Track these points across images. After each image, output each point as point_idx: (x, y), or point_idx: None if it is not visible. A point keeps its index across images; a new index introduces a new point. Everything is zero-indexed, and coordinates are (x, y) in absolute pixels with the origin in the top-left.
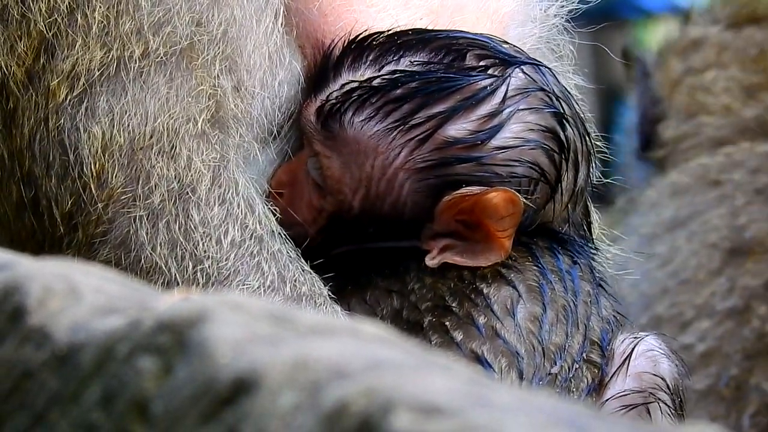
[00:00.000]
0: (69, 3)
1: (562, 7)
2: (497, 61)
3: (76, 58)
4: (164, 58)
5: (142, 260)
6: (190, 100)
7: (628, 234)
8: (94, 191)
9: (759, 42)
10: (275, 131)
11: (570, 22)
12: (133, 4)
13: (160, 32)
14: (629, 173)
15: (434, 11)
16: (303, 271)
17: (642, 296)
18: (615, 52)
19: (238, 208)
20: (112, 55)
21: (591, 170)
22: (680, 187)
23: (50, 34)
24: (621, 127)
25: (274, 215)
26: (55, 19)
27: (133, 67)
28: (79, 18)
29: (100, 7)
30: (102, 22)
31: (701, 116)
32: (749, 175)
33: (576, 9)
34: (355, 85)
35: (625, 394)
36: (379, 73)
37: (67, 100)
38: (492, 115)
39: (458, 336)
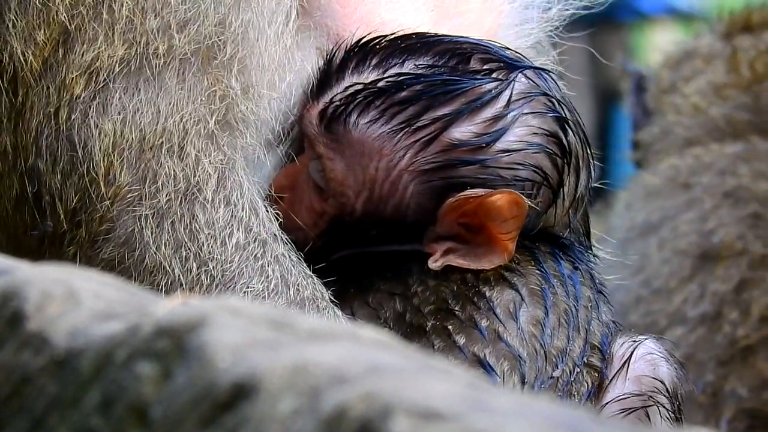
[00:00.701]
0: None
1: (565, 9)
2: (501, 65)
3: (98, 53)
4: (184, 57)
5: (146, 259)
6: (202, 100)
7: (607, 236)
8: (102, 188)
9: (745, 48)
10: (282, 134)
11: (567, 26)
12: (160, 1)
13: (185, 30)
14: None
15: (439, 3)
16: (305, 275)
17: (617, 305)
18: (612, 55)
19: (243, 210)
20: (135, 51)
21: (591, 177)
22: (652, 189)
23: (72, 26)
24: (619, 134)
25: (277, 219)
26: (80, 11)
27: (154, 65)
28: (104, 12)
29: (126, 2)
30: (128, 17)
31: (671, 115)
32: (718, 178)
33: (574, 13)
34: (359, 87)
35: (625, 398)
36: (384, 76)
37: (82, 95)
38: (497, 118)
39: (461, 339)
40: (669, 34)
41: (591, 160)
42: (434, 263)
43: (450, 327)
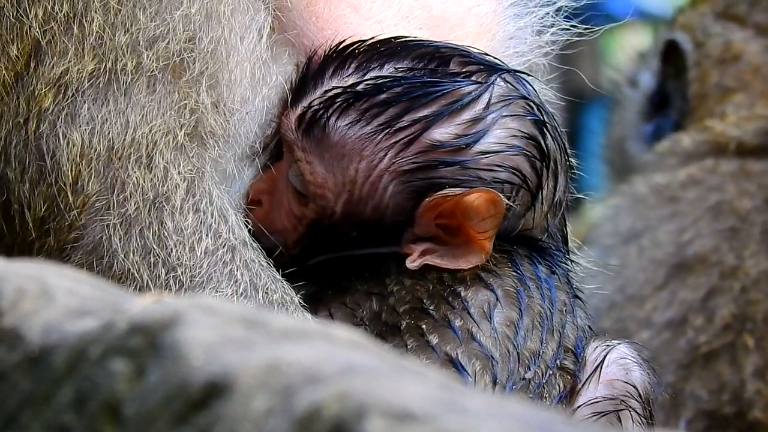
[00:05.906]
0: (66, 11)
1: (556, 34)
2: (481, 68)
3: (67, 67)
4: (153, 74)
5: (114, 266)
6: (172, 113)
7: (591, 242)
8: (69, 197)
9: None
10: (259, 147)
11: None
12: (130, 18)
13: (153, 47)
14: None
15: (433, 25)
16: (274, 279)
17: (592, 310)
18: (582, 58)
19: (212, 217)
20: (104, 67)
21: (569, 183)
22: (639, 197)
23: (44, 41)
24: (589, 139)
25: (247, 226)
26: (52, 26)
27: (123, 80)
28: (75, 27)
29: (97, 18)
30: (98, 32)
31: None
32: (705, 193)
33: (568, 39)
34: (338, 90)
35: (597, 401)
36: (363, 79)
37: (51, 108)
38: (476, 120)
39: (434, 339)
40: (638, 37)
41: (569, 166)
42: (412, 263)
43: (424, 326)
